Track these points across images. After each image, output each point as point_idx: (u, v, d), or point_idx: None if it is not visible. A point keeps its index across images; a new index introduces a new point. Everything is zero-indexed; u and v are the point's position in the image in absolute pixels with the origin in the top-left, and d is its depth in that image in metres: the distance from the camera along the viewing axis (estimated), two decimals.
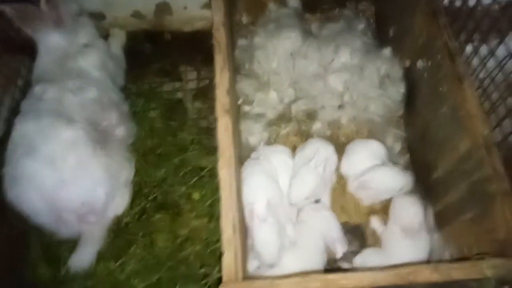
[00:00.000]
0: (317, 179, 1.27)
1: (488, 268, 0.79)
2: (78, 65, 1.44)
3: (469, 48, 1.29)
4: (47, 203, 1.20)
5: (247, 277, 0.91)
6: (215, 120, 1.00)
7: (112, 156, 1.33)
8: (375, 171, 1.28)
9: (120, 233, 1.39)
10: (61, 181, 1.20)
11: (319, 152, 1.30)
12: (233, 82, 1.18)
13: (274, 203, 1.19)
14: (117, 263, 1.35)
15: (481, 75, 1.20)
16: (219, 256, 1.28)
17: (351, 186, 1.35)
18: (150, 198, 1.45)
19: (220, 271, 1.09)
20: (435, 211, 1.24)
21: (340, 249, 1.22)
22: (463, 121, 1.04)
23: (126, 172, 1.41)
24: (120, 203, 1.39)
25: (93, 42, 1.54)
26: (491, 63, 1.17)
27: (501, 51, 1.14)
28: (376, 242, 1.31)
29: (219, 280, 0.86)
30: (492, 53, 1.16)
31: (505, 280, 0.80)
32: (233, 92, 1.18)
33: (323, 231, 1.24)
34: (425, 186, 1.29)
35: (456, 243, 1.11)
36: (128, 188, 1.44)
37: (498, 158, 0.93)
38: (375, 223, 1.32)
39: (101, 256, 1.33)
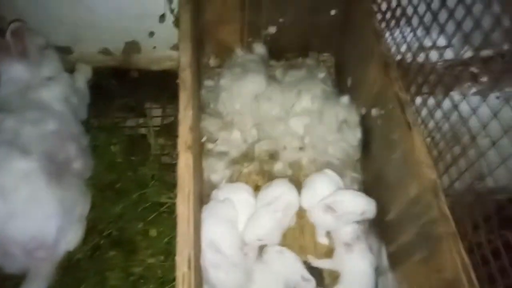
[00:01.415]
0: (273, 223, 1.29)
1: None
2: (39, 97, 1.43)
3: (419, 100, 1.39)
4: None
5: None
6: (177, 156, 1.01)
7: (68, 189, 1.29)
8: (341, 193, 1.31)
9: (70, 270, 1.34)
10: (9, 214, 1.15)
11: (281, 197, 1.32)
12: (196, 120, 1.21)
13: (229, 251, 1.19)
14: None
15: (430, 125, 1.29)
16: None
17: (316, 212, 1.34)
18: (104, 234, 1.42)
19: None
20: (389, 251, 1.28)
21: (309, 287, 1.22)
22: (413, 166, 1.11)
23: (80, 206, 1.38)
24: (72, 239, 1.35)
25: (57, 75, 1.55)
26: (438, 114, 1.26)
27: (447, 104, 1.23)
28: (334, 281, 1.31)
29: None
30: (438, 105, 1.25)
31: None
32: (196, 129, 1.21)
33: (285, 274, 1.24)
34: (380, 228, 1.34)
35: (408, 282, 1.14)
36: (82, 223, 1.40)
37: (444, 201, 0.99)
38: (313, 261, 1.34)
39: None
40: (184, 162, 1.00)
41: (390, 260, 1.27)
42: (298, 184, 1.45)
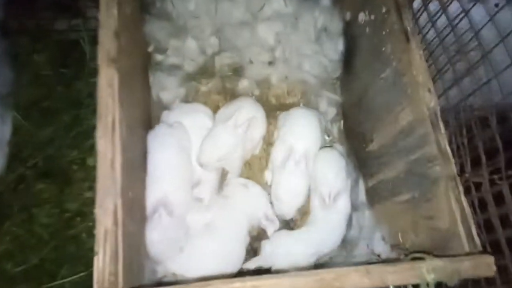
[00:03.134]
0: (233, 141, 1.07)
1: (428, 272, 0.65)
2: None
3: (416, 4, 1.12)
4: None
5: (130, 283, 0.69)
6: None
7: None
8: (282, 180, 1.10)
9: None
10: None
11: (241, 110, 1.09)
12: (127, 21, 0.89)
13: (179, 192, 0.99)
14: None
15: (429, 35, 1.04)
16: None
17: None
18: (29, 163, 1.17)
19: None
20: (368, 186, 1.12)
21: (271, 228, 1.07)
22: (407, 88, 0.88)
23: None
24: None
25: None
26: (441, 21, 1.00)
27: (454, 7, 0.98)
28: (302, 218, 1.15)
29: None
30: (443, 9, 0.99)
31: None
32: (129, 34, 0.91)
33: (248, 210, 1.07)
34: (358, 158, 1.16)
35: (389, 224, 1.00)
36: (2, 151, 1.15)
37: (444, 136, 0.79)
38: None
39: None
40: (106, 82, 0.73)
41: (368, 195, 1.10)
42: (267, 105, 1.24)
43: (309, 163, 1.10)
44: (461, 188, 0.75)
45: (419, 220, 0.86)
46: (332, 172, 1.07)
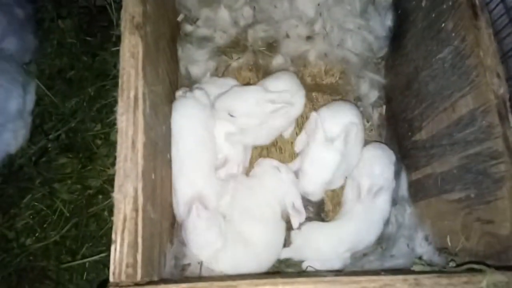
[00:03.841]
0: (260, 112, 0.98)
1: (488, 286, 0.56)
2: None
3: None
4: None
5: (150, 275, 0.63)
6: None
7: None
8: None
9: (11, 177, 1.11)
10: None
11: (285, 94, 0.99)
12: None
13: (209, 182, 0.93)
14: (5, 216, 1.08)
15: (496, 12, 0.91)
16: None
17: None
18: (52, 135, 1.13)
19: None
20: (411, 179, 1.01)
21: (296, 219, 0.98)
22: (471, 72, 0.76)
23: (17, 99, 1.08)
24: (10, 139, 1.10)
25: None
26: None
27: None
28: (335, 208, 1.08)
29: None
30: None
31: None
32: (157, 0, 0.82)
33: (277, 194, 0.99)
34: (402, 147, 1.05)
35: (434, 224, 0.90)
36: (24, 120, 1.13)
37: None
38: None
39: None
40: (129, 50, 0.65)
41: (410, 190, 1.00)
42: (302, 85, 1.12)
43: (345, 143, 0.98)
44: None
45: (472, 223, 0.76)
46: (380, 167, 0.97)
